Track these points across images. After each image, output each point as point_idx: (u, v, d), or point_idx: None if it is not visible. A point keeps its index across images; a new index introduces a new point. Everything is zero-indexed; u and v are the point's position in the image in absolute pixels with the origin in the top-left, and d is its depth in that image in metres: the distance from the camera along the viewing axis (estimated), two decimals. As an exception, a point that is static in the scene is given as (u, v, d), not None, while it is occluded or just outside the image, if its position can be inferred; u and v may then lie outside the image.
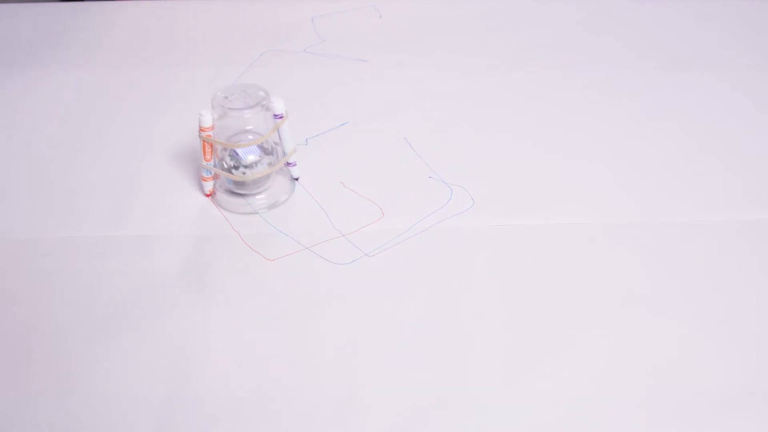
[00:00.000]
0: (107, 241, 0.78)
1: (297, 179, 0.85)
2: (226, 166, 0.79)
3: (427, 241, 0.78)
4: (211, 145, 0.79)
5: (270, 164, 0.80)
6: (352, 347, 0.68)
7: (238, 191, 0.81)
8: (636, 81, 1.00)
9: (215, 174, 0.81)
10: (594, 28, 1.09)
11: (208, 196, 0.83)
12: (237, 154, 0.78)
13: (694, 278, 0.74)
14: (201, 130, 0.77)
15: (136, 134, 0.92)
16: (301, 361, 0.67)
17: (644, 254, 0.76)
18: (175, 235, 0.78)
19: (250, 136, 0.79)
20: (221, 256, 0.76)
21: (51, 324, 0.70)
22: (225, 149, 0.79)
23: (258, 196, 0.81)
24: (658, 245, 0.77)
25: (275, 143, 0.81)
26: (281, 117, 0.79)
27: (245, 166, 0.78)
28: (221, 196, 0.82)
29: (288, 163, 0.83)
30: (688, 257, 0.76)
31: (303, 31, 1.08)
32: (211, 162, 0.80)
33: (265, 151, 0.80)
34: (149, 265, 0.75)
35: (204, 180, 0.82)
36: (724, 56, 1.04)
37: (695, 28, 1.09)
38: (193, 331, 0.69)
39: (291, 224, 0.80)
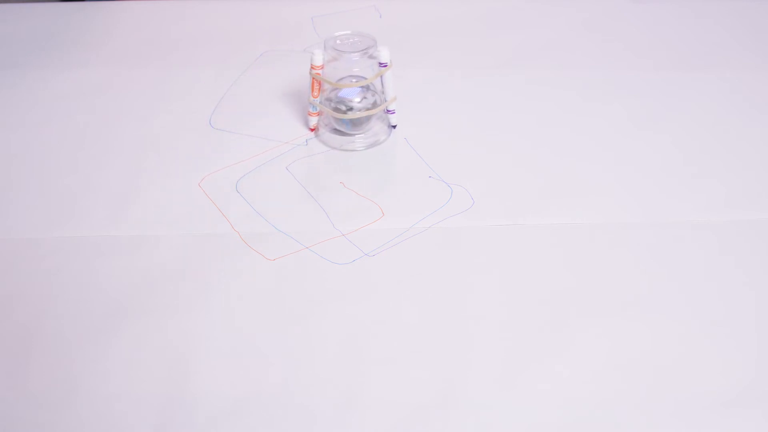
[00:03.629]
0: (107, 241, 0.78)
1: (395, 126, 0.91)
2: (332, 105, 0.86)
3: (427, 241, 0.78)
4: (320, 83, 0.86)
5: (371, 107, 0.86)
6: (352, 347, 0.68)
7: (341, 129, 0.88)
8: (636, 81, 1.00)
9: (320, 110, 0.87)
10: (594, 29, 1.09)
11: (312, 130, 0.90)
12: (344, 95, 0.86)
13: (694, 278, 0.74)
14: (312, 67, 0.85)
15: (136, 134, 0.92)
16: (301, 360, 0.67)
17: (644, 254, 0.76)
18: (175, 235, 0.79)
19: (355, 80, 0.86)
20: (221, 256, 0.76)
21: (51, 324, 0.70)
22: (333, 90, 0.86)
23: (358, 136, 0.88)
24: (658, 245, 0.77)
25: (379, 91, 0.87)
26: (386, 65, 0.85)
27: (349, 108, 0.86)
28: (325, 133, 0.89)
29: (388, 110, 0.89)
30: (688, 257, 0.76)
31: (303, 31, 1.08)
32: (318, 99, 0.86)
33: (369, 95, 0.86)
34: (149, 264, 0.75)
35: (310, 115, 0.89)
36: (724, 56, 1.04)
37: (695, 28, 1.09)
38: (193, 331, 0.69)
39: (291, 224, 0.80)
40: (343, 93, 0.86)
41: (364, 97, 0.86)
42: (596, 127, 0.92)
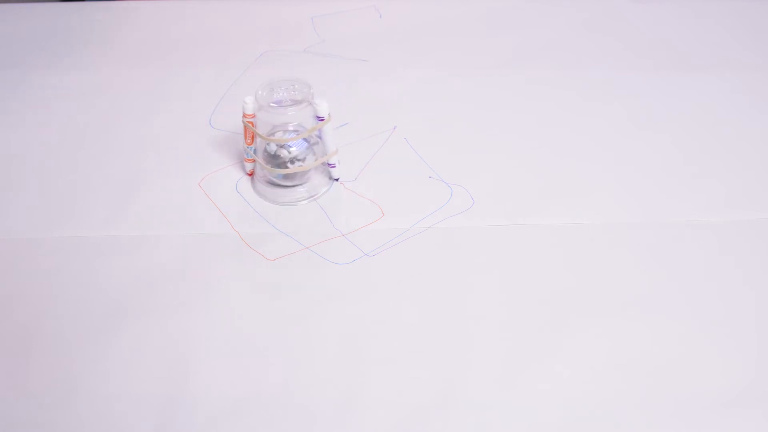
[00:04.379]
0: (107, 241, 0.78)
1: (337, 180, 0.85)
2: (268, 156, 0.81)
3: (428, 241, 0.78)
4: (252, 133, 0.81)
5: (311, 161, 0.81)
6: (352, 347, 0.68)
7: (278, 182, 0.82)
8: (636, 81, 1.00)
9: (254, 158, 0.83)
10: (594, 28, 1.09)
11: (249, 174, 0.85)
12: (282, 147, 0.79)
13: (694, 278, 0.74)
14: (244, 116, 0.80)
15: (136, 134, 0.92)
16: (301, 360, 0.67)
17: (644, 254, 0.76)
18: (175, 235, 0.79)
19: (291, 129, 0.80)
20: (221, 256, 0.76)
21: (51, 324, 0.70)
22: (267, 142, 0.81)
23: (298, 188, 0.83)
24: (658, 245, 0.77)
25: (319, 138, 0.82)
26: (323, 119, 0.79)
27: (289, 162, 0.80)
28: (261, 186, 0.83)
29: (328, 164, 0.83)
30: (688, 257, 0.76)
31: (303, 31, 1.08)
32: (252, 147, 0.82)
33: (308, 148, 0.81)
34: (149, 264, 0.75)
35: (246, 161, 0.84)
36: (724, 56, 1.04)
37: (695, 28, 1.09)
38: (193, 331, 0.69)
39: (291, 224, 0.80)
40: (281, 146, 0.79)
41: (305, 150, 0.80)
42: (596, 127, 0.92)
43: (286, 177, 0.82)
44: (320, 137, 0.81)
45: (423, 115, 0.94)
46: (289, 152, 0.80)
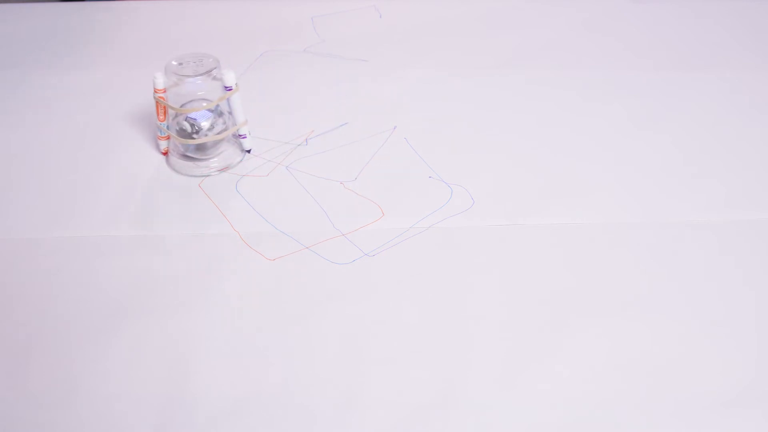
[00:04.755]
0: (107, 241, 0.78)
1: (248, 151, 0.88)
2: (180, 130, 0.83)
3: (428, 241, 0.78)
4: (164, 107, 0.83)
5: (219, 132, 0.83)
6: (352, 347, 0.68)
7: (191, 155, 0.85)
8: (636, 81, 1.00)
9: (168, 134, 0.85)
10: (594, 29, 1.09)
11: (164, 154, 0.87)
12: (193, 119, 0.82)
13: (694, 278, 0.74)
14: (155, 91, 0.82)
15: (136, 134, 0.92)
16: (301, 360, 0.67)
17: (644, 254, 0.76)
18: (175, 235, 0.79)
19: (204, 103, 0.82)
20: (221, 256, 0.76)
21: (51, 324, 0.70)
22: (180, 115, 0.83)
23: (211, 160, 0.85)
24: (658, 245, 0.77)
25: (228, 113, 0.84)
26: (230, 89, 0.82)
27: (197, 132, 0.82)
28: (173, 158, 0.85)
29: (239, 135, 0.85)
30: (688, 257, 0.76)
31: (303, 31, 1.08)
32: (165, 123, 0.84)
33: (219, 119, 0.83)
34: (149, 264, 0.75)
35: (159, 138, 0.86)
36: (724, 56, 1.04)
37: (695, 28, 1.09)
38: (193, 331, 0.69)
39: (291, 224, 0.80)
40: (190, 116, 0.82)
41: (214, 121, 0.83)
42: (596, 127, 0.92)
43: (198, 149, 0.84)
44: (230, 108, 0.84)
45: (423, 115, 0.94)
46: (200, 126, 0.82)
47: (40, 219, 0.81)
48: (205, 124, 0.82)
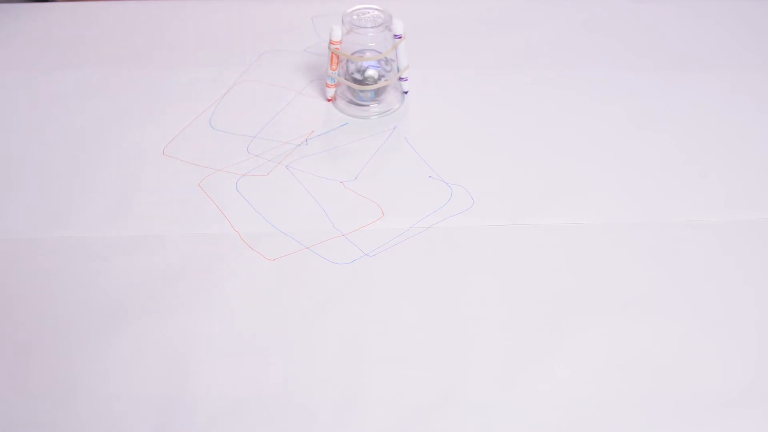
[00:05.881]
0: (107, 241, 0.78)
1: (406, 93, 0.96)
2: (349, 76, 0.92)
3: (427, 241, 0.78)
4: (337, 57, 0.91)
5: (385, 78, 0.92)
6: (352, 347, 0.68)
7: (357, 100, 0.93)
8: (636, 81, 0.99)
9: (338, 82, 0.93)
10: (594, 28, 1.09)
11: (329, 101, 0.95)
12: (361, 68, 0.91)
13: (694, 278, 0.74)
14: (331, 42, 0.89)
15: (136, 134, 0.92)
16: (302, 360, 0.67)
17: (644, 254, 0.76)
18: (175, 235, 0.78)
19: (370, 53, 0.91)
20: (221, 255, 0.76)
21: (51, 324, 0.70)
22: (349, 62, 0.91)
23: (373, 105, 0.93)
24: (658, 245, 0.77)
25: (392, 60, 0.92)
26: (400, 37, 0.90)
27: (365, 80, 0.91)
28: (342, 103, 0.94)
29: (401, 78, 0.94)
30: (688, 257, 0.76)
31: (303, 31, 1.08)
32: (336, 71, 0.92)
33: (384, 66, 0.92)
34: (149, 264, 0.75)
35: (327, 86, 0.94)
36: (724, 56, 1.04)
37: (695, 28, 1.09)
38: (193, 331, 0.69)
39: (291, 224, 0.80)
40: (362, 67, 0.91)
41: (380, 69, 0.92)
42: (596, 127, 0.92)
43: (365, 95, 0.92)
44: (396, 54, 0.92)
45: (423, 115, 0.94)
46: (371, 73, 0.91)
47: (40, 219, 0.81)
48: (374, 73, 0.91)
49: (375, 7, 0.91)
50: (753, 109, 0.95)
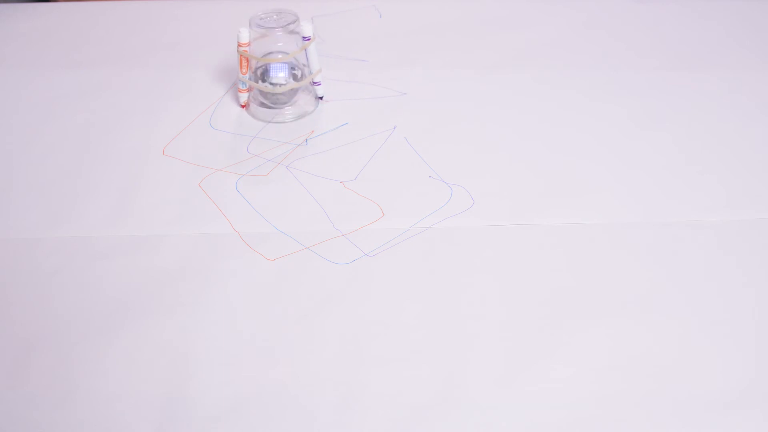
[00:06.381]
0: (108, 241, 0.78)
1: (321, 98, 0.95)
2: (259, 80, 0.92)
3: (427, 241, 0.78)
4: (247, 60, 0.90)
5: (296, 80, 0.92)
6: (352, 347, 0.68)
7: (269, 104, 0.93)
8: (636, 81, 1.00)
9: (249, 87, 0.92)
10: (594, 28, 1.09)
11: (243, 107, 0.94)
12: (269, 70, 0.91)
13: (694, 278, 0.74)
14: (239, 45, 0.89)
15: (136, 134, 0.92)
16: (301, 360, 0.67)
17: (644, 254, 0.76)
18: (175, 235, 0.79)
19: (280, 55, 0.91)
20: (221, 256, 0.76)
21: (51, 324, 0.70)
22: (259, 67, 0.91)
23: (287, 109, 0.93)
24: (658, 245, 0.77)
25: (304, 65, 0.92)
26: (308, 39, 0.90)
27: (273, 83, 0.91)
28: (254, 107, 0.93)
29: (314, 82, 0.94)
30: (688, 257, 0.76)
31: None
32: (247, 75, 0.91)
33: (294, 72, 0.92)
34: (149, 264, 0.75)
35: (240, 91, 0.94)
36: (724, 56, 1.04)
37: (695, 28, 1.09)
38: (193, 331, 0.69)
39: (291, 224, 0.80)
40: (270, 68, 0.91)
41: (291, 71, 0.92)
42: (597, 127, 0.92)
43: (277, 98, 0.92)
44: (306, 59, 0.91)
45: (423, 115, 0.94)
46: (280, 76, 0.91)
47: (40, 219, 0.81)
48: (283, 75, 0.91)
49: (284, 9, 0.91)
50: (753, 109, 0.95)
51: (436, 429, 0.62)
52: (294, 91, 0.92)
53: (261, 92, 0.92)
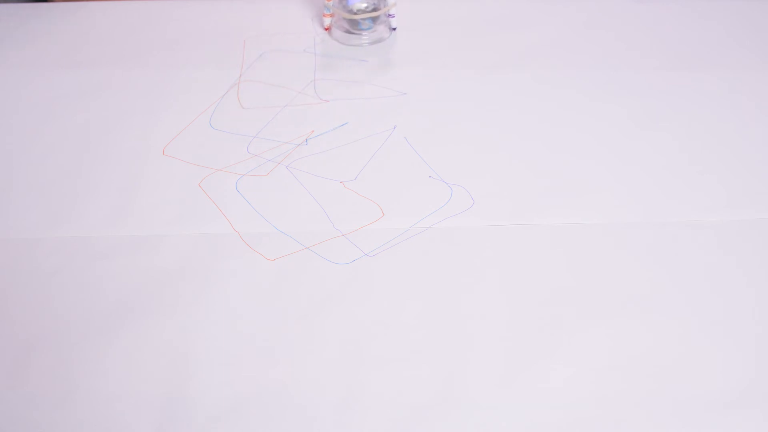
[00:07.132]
0: (108, 241, 0.78)
1: (395, 29, 1.07)
2: (344, 7, 1.04)
3: (427, 241, 0.78)
4: None
5: (374, 10, 1.05)
6: (352, 347, 0.68)
7: (350, 29, 1.05)
8: (636, 81, 0.99)
9: (333, 12, 1.05)
10: (594, 28, 1.09)
11: (326, 30, 1.06)
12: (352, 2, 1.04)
13: (694, 278, 0.74)
14: None
15: (136, 134, 0.92)
16: (301, 360, 0.67)
17: (644, 254, 0.76)
18: (175, 235, 0.79)
19: None
20: (221, 255, 0.76)
21: (51, 324, 0.70)
22: None
23: (364, 35, 1.05)
24: (658, 245, 0.77)
25: None
26: None
27: (355, 11, 1.03)
28: (336, 32, 1.06)
29: (389, 15, 1.05)
30: (688, 257, 0.76)
31: (303, 31, 1.08)
32: (332, 2, 1.04)
33: (374, 1, 1.04)
34: (150, 264, 0.75)
35: (324, 16, 1.06)
36: (724, 56, 1.04)
37: (695, 28, 1.09)
38: (193, 331, 0.69)
39: (291, 224, 0.80)
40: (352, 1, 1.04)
41: (371, 3, 1.04)
42: (597, 127, 0.92)
43: (357, 25, 1.04)
44: None
45: (423, 115, 0.94)
46: (362, 7, 1.04)
47: (40, 219, 0.81)
48: (363, 5, 1.04)
49: None
50: (753, 109, 0.95)
51: (436, 429, 0.62)
52: (372, 20, 1.04)
53: (345, 19, 1.04)
